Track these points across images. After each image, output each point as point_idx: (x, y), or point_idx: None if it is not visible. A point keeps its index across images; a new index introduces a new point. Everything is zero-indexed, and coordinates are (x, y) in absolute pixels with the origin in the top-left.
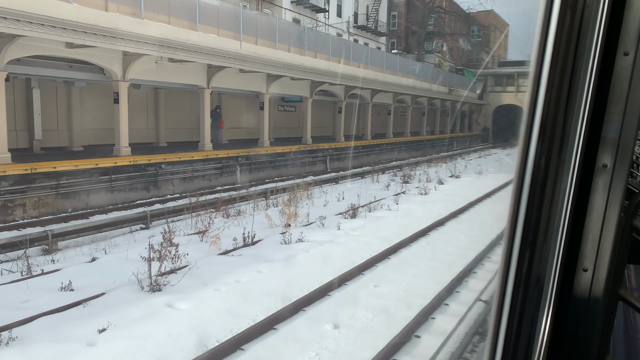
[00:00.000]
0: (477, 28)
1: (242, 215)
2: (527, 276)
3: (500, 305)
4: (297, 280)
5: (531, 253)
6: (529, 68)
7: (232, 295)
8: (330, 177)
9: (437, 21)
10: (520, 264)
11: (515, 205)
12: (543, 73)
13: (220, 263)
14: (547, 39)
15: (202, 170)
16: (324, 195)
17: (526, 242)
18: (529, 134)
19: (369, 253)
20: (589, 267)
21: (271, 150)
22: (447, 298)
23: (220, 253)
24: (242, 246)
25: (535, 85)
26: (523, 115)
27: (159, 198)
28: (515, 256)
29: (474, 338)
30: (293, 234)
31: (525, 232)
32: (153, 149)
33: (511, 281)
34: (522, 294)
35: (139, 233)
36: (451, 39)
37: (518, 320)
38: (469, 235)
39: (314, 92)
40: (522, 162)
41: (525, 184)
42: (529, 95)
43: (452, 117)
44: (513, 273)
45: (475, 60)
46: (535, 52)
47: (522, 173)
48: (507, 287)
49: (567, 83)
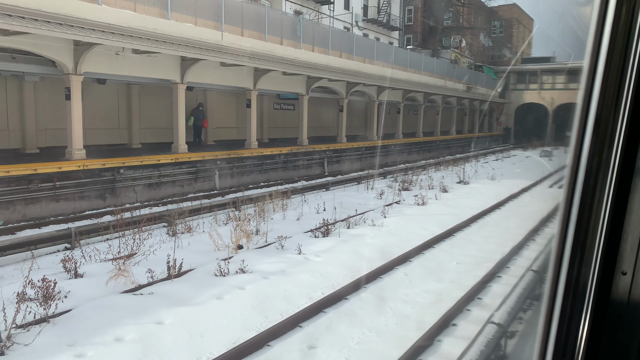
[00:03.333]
0: (499, 22)
1: (191, 233)
2: (576, 279)
3: (550, 308)
4: (201, 340)
5: (581, 255)
6: (575, 64)
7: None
8: (321, 182)
9: (455, 15)
10: (571, 266)
11: (567, 205)
12: (598, 69)
13: (115, 307)
14: (603, 36)
15: (172, 175)
16: (305, 205)
17: (577, 243)
18: (582, 133)
19: (321, 291)
20: (629, 270)
21: (257, 153)
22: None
23: (126, 290)
24: (161, 279)
25: (589, 82)
26: (576, 113)
27: (111, 208)
28: (567, 258)
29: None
30: (237, 261)
31: (577, 233)
32: (123, 151)
33: (562, 284)
34: (572, 298)
35: (56, 255)
36: (470, 33)
37: (567, 324)
38: (462, 262)
39: (311, 89)
40: (575, 160)
41: (578, 184)
42: (583, 93)
43: (469, 117)
44: (564, 275)
45: (496, 57)
46: (589, 48)
47: (575, 172)
48: (558, 290)
49: (618, 81)
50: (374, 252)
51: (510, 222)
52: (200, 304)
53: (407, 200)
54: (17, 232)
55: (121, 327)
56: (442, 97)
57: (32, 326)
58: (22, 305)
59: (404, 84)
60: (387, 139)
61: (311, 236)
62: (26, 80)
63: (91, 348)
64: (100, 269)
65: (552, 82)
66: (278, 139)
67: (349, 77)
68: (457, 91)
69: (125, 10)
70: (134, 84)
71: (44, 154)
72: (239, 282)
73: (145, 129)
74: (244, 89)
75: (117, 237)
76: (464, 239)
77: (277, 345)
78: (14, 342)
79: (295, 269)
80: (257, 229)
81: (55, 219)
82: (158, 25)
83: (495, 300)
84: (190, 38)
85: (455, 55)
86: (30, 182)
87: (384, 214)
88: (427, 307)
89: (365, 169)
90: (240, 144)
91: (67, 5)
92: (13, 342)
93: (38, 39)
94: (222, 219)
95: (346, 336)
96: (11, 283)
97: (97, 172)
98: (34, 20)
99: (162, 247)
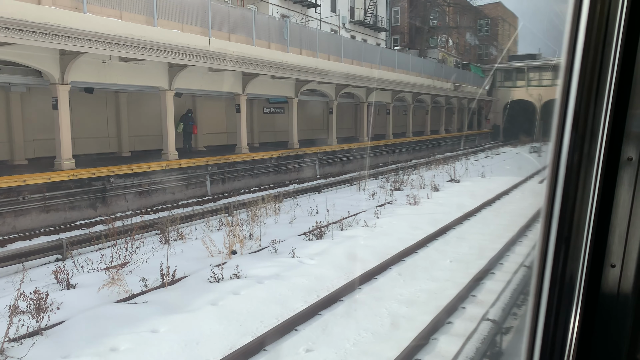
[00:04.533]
0: (485, 21)
1: (183, 240)
2: (562, 273)
3: (537, 303)
4: (196, 347)
5: (565, 249)
6: (560, 60)
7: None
8: (313, 185)
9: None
10: (556, 260)
11: (549, 201)
12: (575, 65)
13: (109, 317)
14: (578, 32)
15: (163, 182)
16: (297, 208)
17: (561, 238)
18: (562, 128)
19: (316, 294)
20: (617, 263)
21: (248, 157)
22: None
23: (120, 299)
24: (154, 288)
25: (567, 78)
26: (555, 108)
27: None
28: (552, 253)
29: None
30: (231, 267)
31: (561, 228)
32: (113, 160)
33: (547, 279)
34: (558, 292)
35: (47, 267)
36: (457, 32)
37: (555, 318)
38: (455, 260)
39: (300, 92)
40: (556, 156)
41: (560, 179)
42: (561, 89)
43: (458, 115)
44: (549, 270)
45: (483, 55)
46: (565, 43)
47: (556, 167)
48: (544, 285)
49: (596, 76)
50: (367, 253)
51: (502, 219)
52: (194, 310)
53: (399, 200)
54: (7, 244)
55: (116, 337)
56: (431, 96)
57: (25, 339)
58: (14, 319)
59: (392, 85)
60: (378, 139)
61: (304, 239)
62: (12, 91)
63: (86, 359)
64: (93, 279)
65: (538, 79)
66: (269, 143)
67: (338, 80)
68: (445, 90)
69: (111, 18)
70: (122, 92)
71: (32, 164)
72: (234, 288)
73: (134, 137)
74: (232, 93)
75: (109, 246)
76: (457, 237)
77: (274, 350)
78: (7, 356)
79: (290, 272)
80: (251, 234)
81: (46, 230)
82: (145, 32)
83: (490, 297)
84: (178, 44)
85: (443, 54)
86: (20, 193)
87: (376, 214)
88: (422, 306)
89: (357, 170)
90: (230, 149)
91: (52, 14)
92: (6, 356)
93: (23, 49)
94: (214, 225)
95: (342, 338)
96: (3, 296)
97: (87, 181)
98: (19, 30)
99: (155, 255)
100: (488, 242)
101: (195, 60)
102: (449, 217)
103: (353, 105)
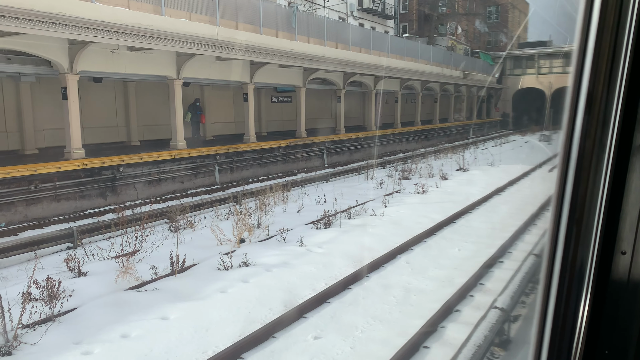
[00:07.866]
0: (495, 8)
1: (193, 228)
2: (572, 260)
3: (547, 289)
4: (206, 334)
5: (576, 236)
6: (571, 47)
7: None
8: (321, 174)
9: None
10: (566, 247)
11: (560, 186)
12: (588, 49)
13: (121, 304)
14: (592, 14)
15: (172, 171)
16: (305, 197)
17: (572, 224)
18: (574, 113)
19: (324, 282)
20: (628, 250)
21: (256, 146)
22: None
23: (131, 287)
24: (164, 275)
25: (580, 62)
26: (567, 92)
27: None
28: (562, 239)
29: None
30: (240, 255)
31: (572, 215)
32: (122, 149)
33: (557, 265)
34: (568, 278)
35: (59, 255)
36: (466, 20)
37: (565, 305)
38: (464, 248)
39: (308, 81)
40: (567, 141)
41: (571, 164)
42: (573, 73)
43: (467, 103)
44: (560, 256)
45: (493, 42)
46: (579, 25)
47: (568, 153)
48: (554, 271)
49: (610, 60)
50: (375, 242)
51: (511, 207)
52: (204, 298)
53: (407, 189)
54: (19, 233)
55: (127, 324)
56: (440, 84)
57: (38, 325)
58: (27, 305)
59: (400, 73)
60: (386, 128)
61: (312, 228)
62: (22, 81)
63: (98, 345)
64: (104, 267)
65: (549, 66)
66: (277, 132)
67: (346, 68)
68: (455, 78)
69: (119, 7)
70: (131, 82)
71: (43, 154)
72: (242, 276)
73: (143, 126)
74: (240, 82)
75: (119, 234)
76: (465, 226)
77: (282, 337)
78: (20, 342)
79: (298, 260)
80: (259, 223)
81: (57, 218)
82: (152, 21)
83: (498, 285)
84: (185, 33)
85: (452, 42)
86: (31, 182)
87: (384, 203)
88: (430, 294)
89: (365, 159)
90: (238, 138)
91: (61, 4)
92: (20, 342)
93: (32, 39)
94: (223, 214)
95: (350, 325)
96: (16, 284)
97: (97, 170)
98: (28, 20)
99: (165, 244)
100: (497, 230)
101: (202, 49)
102: (458, 205)
103: (361, 93)
